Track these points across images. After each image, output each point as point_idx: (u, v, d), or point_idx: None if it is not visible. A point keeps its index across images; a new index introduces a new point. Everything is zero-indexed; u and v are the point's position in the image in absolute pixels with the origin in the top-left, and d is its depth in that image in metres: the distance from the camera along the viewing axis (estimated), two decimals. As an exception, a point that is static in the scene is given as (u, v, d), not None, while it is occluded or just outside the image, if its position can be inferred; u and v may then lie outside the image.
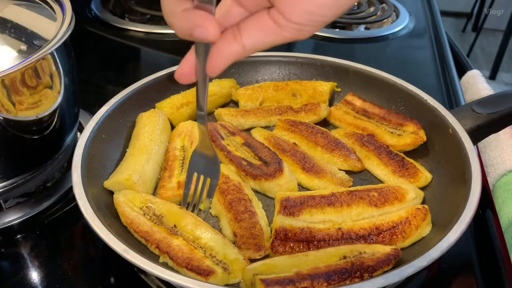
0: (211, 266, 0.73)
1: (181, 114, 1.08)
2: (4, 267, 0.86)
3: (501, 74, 4.25)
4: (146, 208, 0.83)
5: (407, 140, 1.00)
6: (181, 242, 0.77)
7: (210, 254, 0.76)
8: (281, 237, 0.79)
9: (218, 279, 0.72)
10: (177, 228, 0.80)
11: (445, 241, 0.71)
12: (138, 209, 0.83)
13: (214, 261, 0.75)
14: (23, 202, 0.96)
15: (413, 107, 1.06)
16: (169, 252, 0.75)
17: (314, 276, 0.69)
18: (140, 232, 0.79)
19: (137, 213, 0.82)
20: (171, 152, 0.97)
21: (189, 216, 0.82)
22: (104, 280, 0.84)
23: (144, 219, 0.81)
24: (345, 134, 1.05)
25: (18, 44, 0.89)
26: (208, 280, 0.71)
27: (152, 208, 0.83)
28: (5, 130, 0.84)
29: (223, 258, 0.76)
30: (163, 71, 1.11)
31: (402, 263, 0.69)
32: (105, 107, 0.98)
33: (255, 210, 0.85)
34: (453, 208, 0.78)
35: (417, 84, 1.08)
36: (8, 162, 0.91)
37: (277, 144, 1.01)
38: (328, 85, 1.15)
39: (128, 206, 0.83)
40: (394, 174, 0.94)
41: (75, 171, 0.83)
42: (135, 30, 1.64)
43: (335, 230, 0.80)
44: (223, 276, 0.73)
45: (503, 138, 1.18)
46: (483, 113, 0.96)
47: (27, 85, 0.84)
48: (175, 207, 0.84)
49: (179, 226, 0.80)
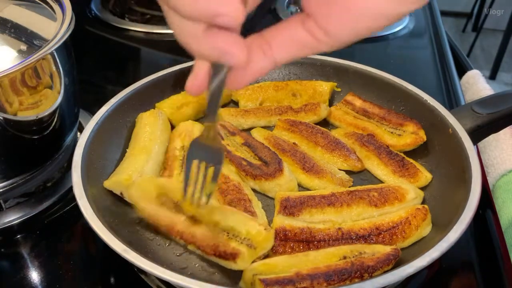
0: (236, 248, 0.75)
1: (181, 114, 1.08)
2: (4, 267, 0.86)
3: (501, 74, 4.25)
4: (162, 196, 0.82)
5: (407, 140, 1.00)
6: (203, 230, 0.78)
7: (233, 235, 0.77)
8: (281, 237, 0.79)
9: (246, 258, 0.74)
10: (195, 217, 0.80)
11: (445, 241, 0.71)
12: (155, 200, 0.82)
13: (238, 240, 0.76)
14: (23, 202, 0.96)
15: (413, 107, 1.06)
16: (195, 243, 0.77)
17: (314, 276, 0.69)
18: (162, 226, 0.80)
19: (155, 206, 0.81)
20: (171, 152, 0.97)
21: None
22: (104, 280, 0.84)
23: (163, 209, 0.81)
24: (345, 134, 1.05)
25: (18, 44, 0.89)
26: (236, 262, 0.74)
27: (168, 196, 0.82)
28: (5, 130, 0.84)
29: (246, 235, 0.76)
30: (163, 71, 1.11)
31: (402, 263, 0.69)
32: (105, 107, 0.98)
33: (255, 210, 0.85)
34: (453, 208, 0.78)
35: (417, 84, 1.08)
36: (8, 162, 0.91)
37: (277, 144, 1.01)
38: (328, 85, 1.15)
39: (144, 200, 0.82)
40: (394, 174, 0.94)
41: (75, 171, 0.83)
42: (135, 30, 1.64)
43: (335, 230, 0.80)
44: (250, 253, 0.74)
45: (503, 138, 1.18)
46: (483, 113, 0.96)
47: (27, 85, 0.84)
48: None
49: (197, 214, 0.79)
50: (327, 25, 0.45)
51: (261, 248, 0.76)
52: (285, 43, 0.47)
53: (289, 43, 0.47)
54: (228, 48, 0.44)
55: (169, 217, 0.80)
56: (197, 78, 0.51)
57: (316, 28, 0.45)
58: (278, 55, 0.48)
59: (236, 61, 0.45)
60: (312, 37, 0.46)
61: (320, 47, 0.46)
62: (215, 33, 0.44)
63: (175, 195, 0.82)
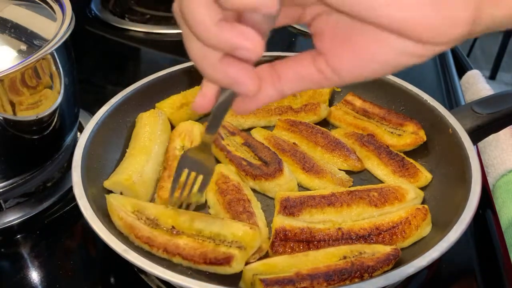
0: (227, 252, 0.74)
1: (181, 114, 1.08)
2: (4, 267, 0.86)
3: (501, 74, 4.25)
4: (138, 212, 0.81)
5: (407, 140, 1.00)
6: (187, 239, 0.77)
7: (220, 240, 0.76)
8: (281, 237, 0.79)
9: (239, 260, 0.73)
10: (176, 228, 0.79)
11: (445, 241, 0.71)
12: (131, 214, 0.81)
13: (227, 244, 0.75)
14: (23, 202, 0.96)
15: (413, 107, 1.06)
16: (180, 253, 0.75)
17: (314, 276, 0.69)
18: (142, 238, 0.77)
19: (133, 218, 0.80)
20: (171, 152, 0.97)
21: (182, 213, 0.80)
22: (104, 280, 0.84)
23: (142, 223, 0.79)
24: (345, 134, 1.05)
25: (18, 44, 0.89)
26: (231, 265, 0.73)
27: (144, 212, 0.81)
28: (5, 130, 0.84)
29: (233, 238, 0.76)
30: (163, 71, 1.11)
31: (402, 263, 0.69)
32: (105, 107, 0.98)
33: (254, 211, 0.85)
34: (453, 208, 0.78)
35: (417, 84, 1.08)
36: (8, 162, 0.91)
37: (277, 144, 1.01)
38: (328, 85, 1.15)
39: (122, 210, 0.81)
40: (394, 174, 0.94)
41: (75, 171, 0.83)
42: (135, 30, 1.64)
43: (335, 230, 0.80)
44: (243, 255, 0.74)
45: (503, 138, 1.18)
46: (483, 113, 0.96)
47: (27, 85, 0.84)
48: (166, 209, 0.82)
49: (177, 226, 0.79)
50: (337, 66, 0.47)
51: (251, 247, 0.75)
52: (294, 78, 0.49)
53: (298, 78, 0.49)
54: (242, 79, 0.45)
55: (147, 230, 0.78)
56: (205, 97, 0.52)
57: (326, 67, 0.47)
58: (287, 87, 0.49)
59: (248, 91, 0.46)
60: (321, 74, 0.48)
61: (326, 83, 0.49)
62: (231, 62, 0.45)
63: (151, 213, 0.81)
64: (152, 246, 0.77)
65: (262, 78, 0.49)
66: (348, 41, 0.46)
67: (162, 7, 1.73)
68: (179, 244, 0.76)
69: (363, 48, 0.45)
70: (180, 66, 1.12)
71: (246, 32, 0.42)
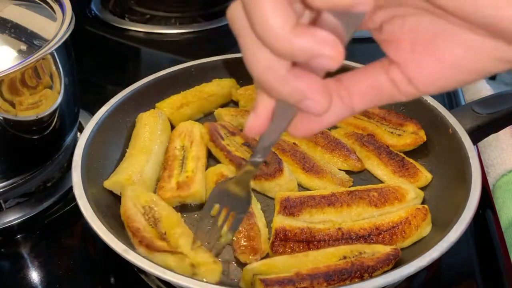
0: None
1: (181, 114, 1.08)
2: (4, 267, 0.86)
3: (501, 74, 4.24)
4: (148, 208, 0.82)
5: (407, 140, 1.00)
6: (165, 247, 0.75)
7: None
8: (281, 237, 0.79)
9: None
10: (166, 236, 0.78)
11: (445, 241, 0.71)
12: (141, 207, 0.82)
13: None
14: (23, 202, 0.96)
15: (413, 107, 1.05)
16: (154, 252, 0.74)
17: (314, 276, 0.69)
18: (132, 227, 0.78)
19: (136, 210, 0.81)
20: (171, 152, 0.97)
21: (181, 226, 0.80)
22: (104, 280, 0.84)
23: (141, 218, 0.80)
24: (345, 134, 1.05)
25: (18, 44, 0.89)
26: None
27: (154, 210, 0.82)
28: (5, 130, 0.84)
29: (193, 261, 0.73)
30: (163, 71, 1.11)
31: (402, 263, 0.69)
32: (105, 107, 0.98)
33: (253, 211, 0.85)
34: (453, 208, 0.78)
35: (417, 84, 1.08)
36: (8, 162, 0.91)
37: (277, 144, 1.01)
38: (328, 85, 1.15)
39: (132, 201, 0.82)
40: (394, 174, 0.94)
41: (75, 171, 0.83)
42: (135, 30, 1.63)
43: (335, 230, 0.80)
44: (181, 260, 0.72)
45: (503, 138, 1.18)
46: (483, 113, 0.96)
47: (27, 85, 0.84)
48: (174, 215, 0.82)
49: (168, 234, 0.78)
50: (416, 75, 0.42)
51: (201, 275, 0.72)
52: (366, 91, 0.44)
53: (370, 92, 0.44)
54: (312, 94, 0.39)
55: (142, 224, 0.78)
56: (260, 118, 0.45)
57: (401, 77, 0.42)
58: (358, 102, 0.44)
59: (318, 109, 0.40)
60: (394, 86, 0.43)
61: (400, 97, 0.44)
62: (300, 74, 0.38)
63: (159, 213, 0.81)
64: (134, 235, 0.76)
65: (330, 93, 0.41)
66: (431, 47, 0.40)
67: (162, 7, 1.73)
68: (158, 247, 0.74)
69: (449, 55, 0.40)
70: (180, 66, 1.12)
71: (327, 37, 0.36)
